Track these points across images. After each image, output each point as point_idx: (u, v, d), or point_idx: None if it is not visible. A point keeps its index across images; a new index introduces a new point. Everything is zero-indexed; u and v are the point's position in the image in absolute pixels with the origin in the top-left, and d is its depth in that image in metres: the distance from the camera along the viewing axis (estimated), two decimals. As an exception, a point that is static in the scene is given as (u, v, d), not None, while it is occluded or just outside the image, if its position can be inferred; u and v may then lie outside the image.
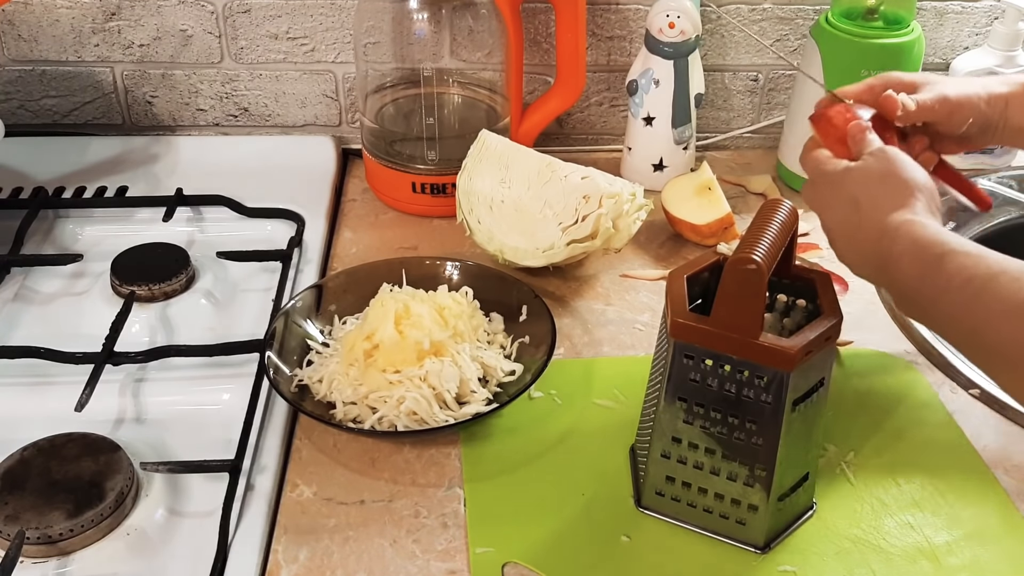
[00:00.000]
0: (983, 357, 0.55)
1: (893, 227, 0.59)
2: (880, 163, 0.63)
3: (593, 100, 1.11)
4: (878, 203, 0.60)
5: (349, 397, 0.71)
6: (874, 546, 0.64)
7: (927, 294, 0.56)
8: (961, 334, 0.55)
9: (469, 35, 0.99)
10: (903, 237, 0.58)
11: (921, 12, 1.06)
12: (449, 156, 0.95)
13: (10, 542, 0.60)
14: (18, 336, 0.80)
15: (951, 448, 0.71)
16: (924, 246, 0.57)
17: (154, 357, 0.76)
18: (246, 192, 0.97)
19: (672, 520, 0.65)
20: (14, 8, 1.03)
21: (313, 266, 0.90)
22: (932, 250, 0.56)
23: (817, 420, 0.63)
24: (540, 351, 0.75)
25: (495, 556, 0.62)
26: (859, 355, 0.80)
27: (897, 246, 0.58)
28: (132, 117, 1.10)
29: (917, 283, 0.57)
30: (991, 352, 0.53)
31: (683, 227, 0.94)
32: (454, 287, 0.81)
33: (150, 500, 0.65)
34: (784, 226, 0.59)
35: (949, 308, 0.55)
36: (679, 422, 0.62)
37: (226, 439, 0.70)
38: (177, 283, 0.84)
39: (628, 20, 1.06)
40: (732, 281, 0.57)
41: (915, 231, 0.58)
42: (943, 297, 0.55)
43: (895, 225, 0.59)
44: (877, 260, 0.60)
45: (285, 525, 0.65)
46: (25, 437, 0.67)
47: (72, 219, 0.96)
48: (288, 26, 1.05)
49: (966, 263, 0.54)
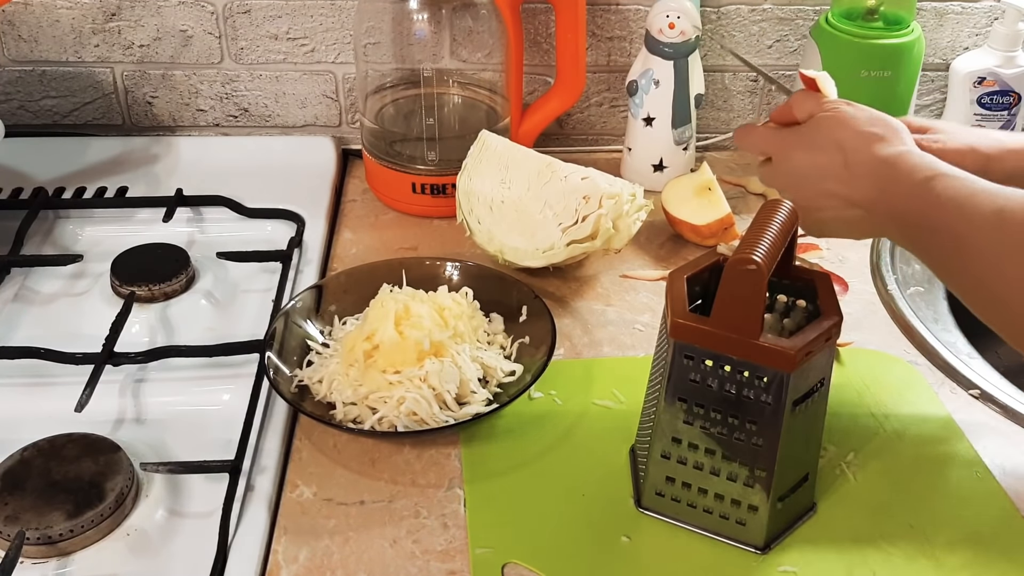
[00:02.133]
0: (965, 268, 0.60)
1: (892, 158, 0.65)
2: (859, 109, 0.70)
3: (593, 100, 1.11)
4: (868, 140, 0.67)
5: (349, 397, 0.72)
6: (874, 546, 0.64)
7: (917, 209, 0.63)
8: (945, 249, 0.61)
9: (469, 35, 0.99)
10: (902, 164, 0.64)
11: (921, 12, 1.06)
12: (449, 156, 0.95)
13: (10, 542, 0.60)
14: (18, 336, 0.80)
15: (951, 448, 0.71)
16: (913, 171, 0.64)
17: (154, 357, 0.76)
18: (246, 192, 0.97)
19: (672, 520, 0.65)
20: (14, 8, 1.03)
21: (313, 266, 0.90)
22: (924, 172, 0.63)
23: (817, 420, 0.63)
24: (540, 351, 0.75)
25: (495, 556, 0.62)
26: (859, 355, 0.80)
27: (895, 171, 0.65)
28: (132, 117, 1.10)
29: (908, 202, 0.63)
30: (972, 260, 0.59)
31: (683, 227, 0.94)
32: (454, 288, 0.81)
33: (150, 500, 0.65)
34: (784, 226, 0.59)
35: (935, 222, 0.61)
36: (679, 422, 0.62)
37: (226, 439, 0.70)
38: (177, 283, 0.84)
39: (628, 20, 1.06)
40: (732, 281, 0.57)
41: (910, 160, 0.65)
42: (931, 212, 0.61)
43: (893, 156, 0.65)
44: (872, 192, 0.66)
45: (285, 525, 0.65)
46: (25, 437, 0.67)
47: (72, 219, 0.96)
48: (288, 26, 1.05)
49: (950, 184, 0.61)
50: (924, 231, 0.63)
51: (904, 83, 0.97)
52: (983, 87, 1.05)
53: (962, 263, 0.60)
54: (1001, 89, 1.04)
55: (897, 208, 0.64)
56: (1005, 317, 0.59)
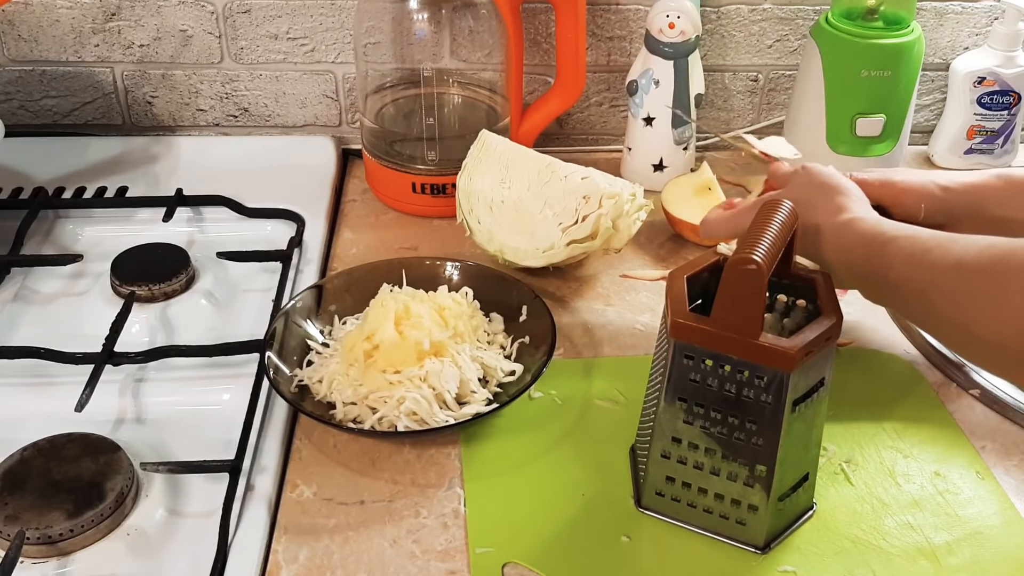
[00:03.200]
0: (929, 312, 0.64)
1: (841, 227, 0.69)
2: (809, 175, 0.74)
3: (593, 100, 1.11)
4: (819, 209, 0.71)
5: (349, 397, 0.71)
6: (874, 546, 0.64)
7: (879, 270, 0.66)
8: (909, 301, 0.65)
9: (469, 35, 0.99)
10: (850, 232, 0.68)
11: (921, 12, 1.06)
12: (449, 156, 0.95)
13: (10, 542, 0.60)
14: (18, 336, 0.80)
15: (951, 448, 0.71)
16: (868, 236, 0.67)
17: (154, 357, 0.76)
18: (246, 192, 0.97)
19: (672, 520, 0.65)
20: (14, 8, 1.03)
21: (313, 266, 0.90)
22: (876, 238, 0.67)
23: (817, 420, 0.63)
24: (540, 351, 0.75)
25: (495, 556, 0.62)
26: (859, 355, 0.80)
27: (848, 239, 0.68)
28: (132, 117, 1.10)
29: (867, 268, 0.67)
30: (934, 306, 0.63)
31: (683, 227, 0.94)
32: (454, 287, 0.81)
33: (150, 500, 0.65)
34: (784, 226, 0.59)
35: (896, 280, 0.65)
36: (679, 422, 0.62)
37: (226, 439, 0.70)
38: (177, 283, 0.84)
39: (628, 20, 1.06)
40: (732, 281, 0.57)
41: (859, 227, 0.68)
42: (891, 272, 0.65)
43: (842, 224, 0.69)
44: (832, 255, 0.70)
45: (285, 525, 0.65)
46: (25, 437, 0.67)
47: (72, 219, 0.96)
48: (288, 26, 1.05)
49: (904, 244, 0.65)
50: (888, 288, 0.66)
51: (904, 83, 0.97)
52: (983, 87, 1.05)
53: (925, 310, 0.64)
54: (1001, 89, 1.04)
55: (857, 272, 0.68)
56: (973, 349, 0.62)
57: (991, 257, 0.59)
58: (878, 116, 0.97)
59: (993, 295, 0.58)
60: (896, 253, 0.65)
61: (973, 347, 0.62)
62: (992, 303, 0.58)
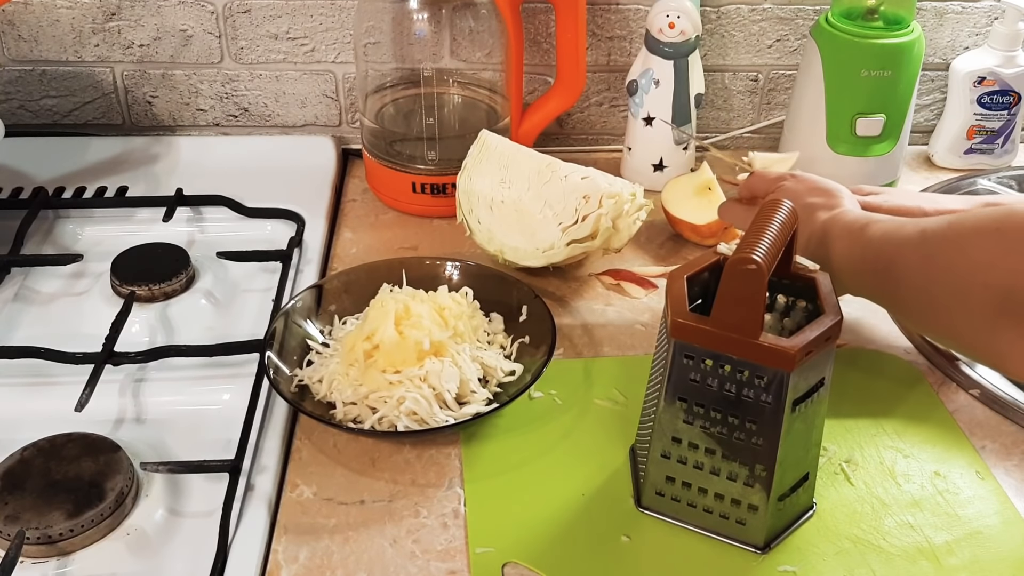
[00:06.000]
0: (897, 289, 0.68)
1: (829, 220, 0.73)
2: (799, 182, 0.78)
3: (593, 100, 1.11)
4: (808, 210, 0.74)
5: (349, 397, 0.71)
6: (874, 546, 0.64)
7: (858, 256, 0.70)
8: (878, 276, 0.69)
9: (469, 35, 0.99)
10: (838, 223, 0.73)
11: (921, 12, 1.06)
12: (449, 156, 0.95)
13: (10, 542, 0.60)
14: (18, 336, 0.80)
15: (951, 448, 0.71)
16: (850, 225, 0.72)
17: (154, 357, 0.76)
18: (246, 192, 0.97)
19: (672, 520, 0.65)
20: (14, 8, 1.03)
21: (313, 266, 0.90)
22: (857, 224, 0.71)
23: (817, 420, 0.63)
24: (540, 351, 0.75)
25: (495, 556, 0.62)
26: (859, 355, 0.80)
27: (833, 230, 0.73)
28: (132, 117, 1.10)
29: (848, 253, 0.71)
30: (900, 280, 0.67)
31: (683, 227, 0.94)
32: (454, 287, 0.81)
33: (150, 500, 0.65)
34: (784, 226, 0.59)
35: (874, 264, 0.69)
36: (679, 422, 0.62)
37: (226, 439, 0.70)
38: (177, 283, 0.84)
39: (628, 20, 1.06)
40: (732, 281, 0.57)
41: (843, 218, 0.73)
42: (867, 254, 0.69)
43: (831, 218, 0.73)
44: (819, 253, 0.73)
45: (285, 525, 0.65)
46: (25, 437, 0.67)
47: (72, 219, 0.96)
48: (288, 26, 1.05)
49: (880, 225, 0.70)
50: (866, 275, 0.70)
51: (904, 83, 0.97)
52: (983, 87, 1.05)
53: (896, 287, 0.68)
54: (1001, 89, 1.04)
55: (842, 264, 0.71)
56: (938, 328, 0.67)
57: (949, 222, 0.64)
58: (878, 116, 0.97)
59: (953, 251, 0.63)
60: (873, 232, 0.69)
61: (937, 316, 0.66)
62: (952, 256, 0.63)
